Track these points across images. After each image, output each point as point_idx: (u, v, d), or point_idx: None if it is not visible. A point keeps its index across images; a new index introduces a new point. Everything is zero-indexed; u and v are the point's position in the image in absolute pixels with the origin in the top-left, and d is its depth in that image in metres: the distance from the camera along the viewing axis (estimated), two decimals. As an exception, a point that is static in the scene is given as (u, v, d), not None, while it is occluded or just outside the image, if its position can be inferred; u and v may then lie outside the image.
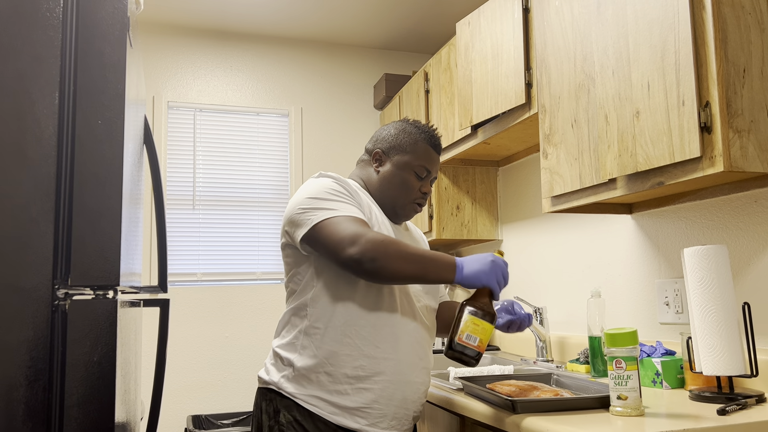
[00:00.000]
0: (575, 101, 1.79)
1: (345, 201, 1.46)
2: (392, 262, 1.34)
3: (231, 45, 3.62)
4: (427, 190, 1.61)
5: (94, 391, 1.04)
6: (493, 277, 1.37)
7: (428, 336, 1.57)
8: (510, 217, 2.84)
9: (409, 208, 1.60)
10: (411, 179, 1.58)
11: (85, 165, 1.08)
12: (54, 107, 1.06)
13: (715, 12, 1.35)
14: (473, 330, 1.36)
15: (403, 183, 1.58)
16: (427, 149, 1.60)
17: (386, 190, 1.59)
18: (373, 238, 1.34)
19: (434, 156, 1.62)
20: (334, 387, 1.43)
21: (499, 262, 1.39)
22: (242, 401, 3.37)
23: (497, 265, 1.38)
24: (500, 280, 1.38)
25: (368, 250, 1.33)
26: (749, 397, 1.41)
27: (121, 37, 1.12)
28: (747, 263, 1.63)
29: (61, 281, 1.05)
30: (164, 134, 3.42)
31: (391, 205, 1.59)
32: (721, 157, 1.32)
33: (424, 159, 1.59)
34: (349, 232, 1.36)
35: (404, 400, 1.48)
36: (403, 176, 1.58)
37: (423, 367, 1.54)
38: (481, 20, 2.34)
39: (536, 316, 2.37)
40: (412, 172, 1.58)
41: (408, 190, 1.58)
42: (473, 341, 1.35)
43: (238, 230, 3.50)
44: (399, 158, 1.59)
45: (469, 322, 1.36)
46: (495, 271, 1.37)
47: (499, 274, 1.38)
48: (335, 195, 1.46)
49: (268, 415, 1.48)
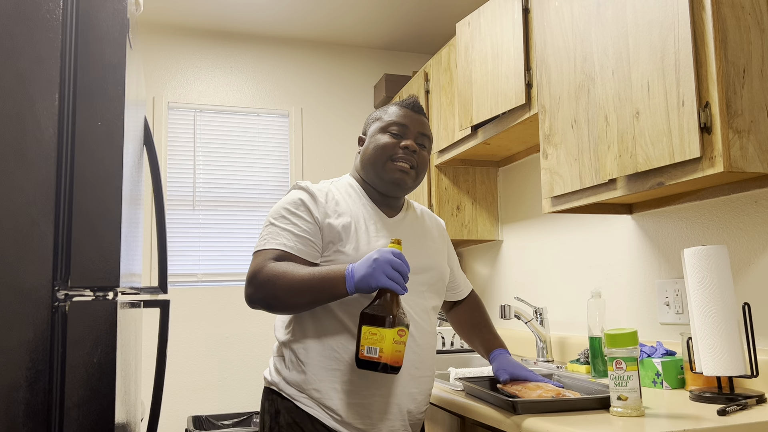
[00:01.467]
0: (575, 102, 1.79)
1: (289, 223, 1.44)
2: (283, 299, 1.35)
3: (231, 45, 3.62)
4: (407, 144, 1.49)
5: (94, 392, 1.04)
6: (380, 275, 1.26)
7: (427, 341, 1.52)
8: (510, 217, 2.84)
9: (389, 168, 1.50)
10: (384, 138, 1.51)
11: (85, 166, 1.08)
12: (54, 108, 1.06)
13: (715, 12, 1.35)
14: (371, 341, 1.26)
15: (376, 146, 1.51)
16: (397, 109, 1.54)
17: (366, 162, 1.53)
18: (263, 279, 1.36)
19: (406, 112, 1.53)
20: (325, 402, 1.42)
21: (384, 256, 1.27)
22: (242, 402, 3.37)
23: (381, 260, 1.27)
24: (391, 273, 1.26)
25: (258, 291, 1.37)
26: (750, 397, 1.41)
27: (120, 38, 1.12)
28: (747, 263, 1.63)
29: (61, 282, 1.05)
30: (164, 135, 3.42)
31: (375, 175, 1.52)
32: (721, 157, 1.32)
33: (394, 116, 1.53)
34: (251, 270, 1.39)
35: (400, 412, 1.45)
36: (376, 139, 1.52)
37: (420, 376, 1.49)
38: (481, 21, 2.34)
39: (536, 316, 2.37)
40: (385, 132, 1.52)
41: (383, 149, 1.50)
42: (374, 353, 1.25)
43: (238, 231, 3.50)
44: (372, 128, 1.56)
45: (365, 333, 1.27)
46: (380, 268, 1.26)
47: (386, 268, 1.26)
48: (286, 216, 1.46)
49: (270, 416, 1.48)
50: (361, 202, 1.53)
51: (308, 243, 1.44)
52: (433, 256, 1.58)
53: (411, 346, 1.46)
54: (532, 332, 2.41)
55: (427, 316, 1.53)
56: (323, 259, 1.45)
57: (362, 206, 1.52)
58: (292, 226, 1.44)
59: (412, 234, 1.58)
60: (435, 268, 1.57)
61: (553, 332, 2.46)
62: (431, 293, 1.56)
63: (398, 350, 1.27)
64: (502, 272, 2.89)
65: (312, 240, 1.44)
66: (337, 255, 1.44)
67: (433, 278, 1.56)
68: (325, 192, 1.51)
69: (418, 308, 1.50)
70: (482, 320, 1.73)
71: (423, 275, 1.53)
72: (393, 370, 1.26)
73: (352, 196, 1.54)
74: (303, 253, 1.42)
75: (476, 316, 1.74)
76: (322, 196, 1.49)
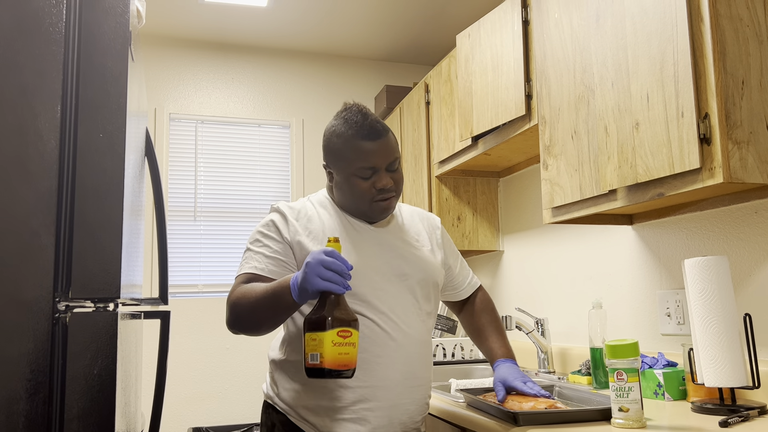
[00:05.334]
0: (575, 113, 1.80)
1: (261, 246, 1.47)
2: (246, 318, 1.37)
3: (232, 57, 3.63)
4: (383, 185, 1.44)
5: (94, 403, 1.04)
6: (313, 278, 1.21)
7: (418, 349, 1.48)
8: (511, 227, 2.85)
9: (373, 208, 1.47)
10: (358, 183, 1.44)
11: (87, 178, 1.08)
12: (56, 121, 1.07)
13: (714, 24, 1.36)
14: (312, 347, 1.21)
15: (352, 190, 1.45)
16: (359, 146, 1.42)
17: (344, 202, 1.50)
18: (231, 302, 1.39)
19: (370, 147, 1.42)
20: (315, 419, 1.42)
21: (315, 257, 1.22)
22: (243, 413, 3.35)
23: (313, 263, 1.22)
24: (324, 274, 1.21)
25: (228, 315, 1.39)
26: (751, 408, 1.40)
27: (122, 51, 1.13)
28: (748, 274, 1.63)
29: (61, 294, 1.05)
30: (166, 146, 3.43)
31: (357, 211, 1.49)
32: (720, 168, 1.32)
33: (360, 158, 1.42)
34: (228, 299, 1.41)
35: (391, 424, 1.43)
36: (350, 184, 1.45)
37: (413, 386, 1.46)
38: (481, 32, 2.35)
39: (537, 327, 2.37)
40: (356, 177, 1.44)
41: (360, 195, 1.45)
42: (316, 360, 1.20)
43: (239, 242, 3.50)
44: (338, 167, 1.47)
45: (307, 340, 1.22)
46: (312, 271, 1.21)
47: (319, 269, 1.21)
48: (258, 238, 1.48)
49: (267, 429, 1.50)
50: (336, 215, 1.51)
51: (279, 263, 1.44)
52: (417, 261, 1.53)
53: (399, 356, 1.43)
54: (534, 343, 2.40)
55: (417, 323, 1.49)
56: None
57: (336, 218, 1.50)
58: (263, 248, 1.46)
59: (396, 238, 1.54)
60: (420, 272, 1.51)
61: (554, 343, 2.46)
62: (420, 299, 1.51)
63: (342, 352, 1.20)
64: (503, 283, 2.89)
65: (283, 260, 1.45)
66: None
67: (419, 283, 1.51)
68: (297, 210, 1.50)
69: (404, 316, 1.46)
70: (489, 325, 1.67)
71: (407, 281, 1.48)
72: (341, 374, 1.20)
73: (327, 210, 1.52)
74: (274, 274, 1.43)
75: (483, 320, 1.68)
76: (294, 214, 1.49)
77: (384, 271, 1.46)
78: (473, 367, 2.61)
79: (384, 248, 1.50)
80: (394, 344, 1.43)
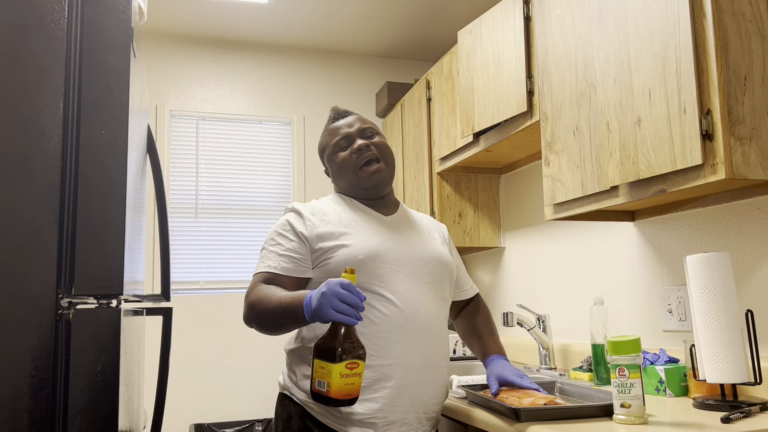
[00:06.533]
0: (577, 109, 1.80)
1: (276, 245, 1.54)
2: (261, 323, 1.45)
3: (233, 54, 3.63)
4: (358, 146, 1.59)
5: (97, 400, 1.04)
6: (328, 309, 1.25)
7: (437, 331, 1.53)
8: (512, 224, 2.85)
9: (360, 176, 1.59)
10: (340, 156, 1.61)
11: (89, 175, 1.08)
12: (59, 118, 1.07)
13: (716, 20, 1.36)
14: (320, 374, 1.24)
15: (338, 167, 1.62)
16: (332, 128, 1.66)
17: (341, 184, 1.64)
18: (249, 302, 1.46)
19: (339, 124, 1.65)
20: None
21: (331, 289, 1.26)
22: (245, 409, 3.36)
23: (328, 293, 1.25)
24: (339, 306, 1.24)
25: (246, 313, 1.47)
26: (753, 404, 1.40)
27: (125, 47, 1.13)
28: (750, 270, 1.63)
29: (64, 290, 1.05)
30: (167, 143, 3.43)
31: (354, 187, 1.61)
32: (722, 164, 1.32)
33: (333, 134, 1.64)
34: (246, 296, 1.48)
35: (412, 404, 1.46)
36: (335, 163, 1.63)
37: (430, 366, 1.50)
38: (483, 29, 2.35)
39: (539, 323, 2.37)
40: (336, 153, 1.62)
41: (344, 166, 1.60)
42: (323, 387, 1.23)
43: (240, 238, 3.51)
44: (327, 156, 1.66)
45: (316, 366, 1.25)
46: (327, 303, 1.25)
47: (333, 302, 1.24)
48: (274, 238, 1.56)
49: (282, 421, 1.52)
50: (350, 209, 1.60)
51: (293, 260, 1.52)
52: (430, 249, 1.61)
53: (416, 335, 1.48)
54: (535, 339, 2.40)
55: (433, 305, 1.54)
56: (326, 257, 1.50)
57: (351, 211, 1.59)
58: (278, 247, 1.54)
59: (410, 228, 1.63)
60: (434, 259, 1.59)
61: (555, 339, 2.46)
62: (436, 282, 1.57)
63: (349, 383, 1.24)
64: (505, 279, 2.89)
65: (296, 257, 1.52)
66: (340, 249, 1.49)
67: (435, 268, 1.58)
68: (312, 206, 1.60)
69: (420, 297, 1.52)
70: (484, 327, 1.73)
71: (423, 266, 1.56)
72: (345, 403, 1.25)
73: (341, 205, 1.62)
74: (289, 271, 1.51)
75: (479, 322, 1.75)
76: (308, 211, 1.58)
77: (400, 254, 1.54)
78: (475, 363, 2.62)
79: (399, 234, 1.59)
80: (411, 324, 1.48)
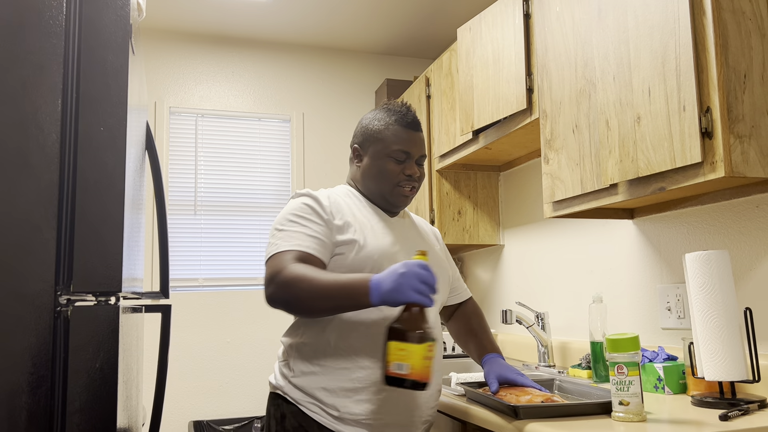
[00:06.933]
0: (576, 106, 1.79)
1: (300, 227, 1.45)
2: (305, 302, 1.32)
3: (232, 51, 3.62)
4: (411, 172, 1.54)
5: (96, 397, 1.04)
6: (407, 290, 1.22)
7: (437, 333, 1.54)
8: (512, 222, 2.85)
9: (395, 193, 1.54)
10: (389, 166, 1.53)
11: (87, 172, 1.08)
12: (57, 114, 1.06)
13: (716, 17, 1.36)
14: (399, 357, 1.20)
15: (380, 172, 1.54)
16: (398, 131, 1.54)
17: (368, 183, 1.56)
18: (284, 280, 1.34)
19: (410, 135, 1.54)
20: (331, 401, 1.42)
21: (411, 269, 1.24)
22: (244, 407, 3.36)
23: (408, 274, 1.23)
24: (419, 287, 1.23)
25: (279, 292, 1.34)
26: (751, 402, 1.40)
27: (123, 44, 1.13)
28: (749, 268, 1.63)
29: (63, 288, 1.05)
30: (166, 140, 3.42)
31: (379, 195, 1.56)
32: (722, 162, 1.32)
33: (398, 142, 1.53)
34: (270, 272, 1.37)
35: (407, 407, 1.46)
36: (380, 165, 1.54)
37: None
38: (482, 26, 2.34)
39: (538, 321, 2.37)
40: (389, 159, 1.53)
41: (388, 176, 1.53)
42: (404, 369, 1.20)
43: (239, 235, 3.51)
44: (373, 148, 1.55)
45: (393, 348, 1.21)
46: (407, 283, 1.22)
47: (414, 282, 1.22)
48: (295, 220, 1.46)
49: (276, 420, 1.49)
50: (362, 205, 1.58)
51: (322, 243, 1.44)
52: (434, 254, 1.63)
53: None
54: (534, 337, 2.40)
55: (434, 309, 1.56)
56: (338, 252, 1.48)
57: (363, 208, 1.57)
58: (304, 229, 1.45)
59: (413, 232, 1.63)
60: (437, 264, 1.61)
61: (554, 337, 2.46)
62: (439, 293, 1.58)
63: (427, 366, 1.22)
64: (504, 277, 2.89)
65: (325, 241, 1.45)
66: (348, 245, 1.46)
67: (437, 273, 1.57)
68: (327, 195, 1.54)
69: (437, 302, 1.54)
70: (479, 327, 1.73)
71: None
72: (421, 386, 1.21)
73: (353, 200, 1.58)
74: (319, 253, 1.43)
75: (474, 322, 1.75)
76: (325, 199, 1.52)
77: (406, 256, 1.54)
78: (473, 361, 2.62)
79: (407, 237, 1.59)
80: None
